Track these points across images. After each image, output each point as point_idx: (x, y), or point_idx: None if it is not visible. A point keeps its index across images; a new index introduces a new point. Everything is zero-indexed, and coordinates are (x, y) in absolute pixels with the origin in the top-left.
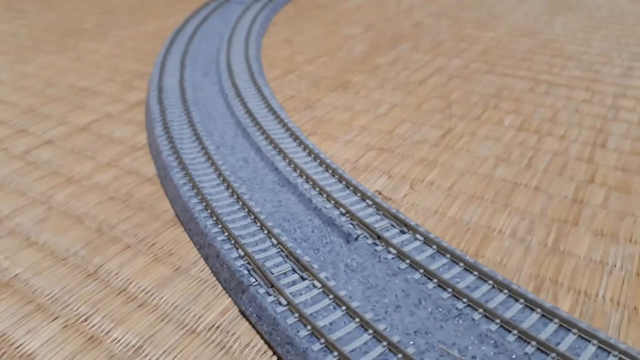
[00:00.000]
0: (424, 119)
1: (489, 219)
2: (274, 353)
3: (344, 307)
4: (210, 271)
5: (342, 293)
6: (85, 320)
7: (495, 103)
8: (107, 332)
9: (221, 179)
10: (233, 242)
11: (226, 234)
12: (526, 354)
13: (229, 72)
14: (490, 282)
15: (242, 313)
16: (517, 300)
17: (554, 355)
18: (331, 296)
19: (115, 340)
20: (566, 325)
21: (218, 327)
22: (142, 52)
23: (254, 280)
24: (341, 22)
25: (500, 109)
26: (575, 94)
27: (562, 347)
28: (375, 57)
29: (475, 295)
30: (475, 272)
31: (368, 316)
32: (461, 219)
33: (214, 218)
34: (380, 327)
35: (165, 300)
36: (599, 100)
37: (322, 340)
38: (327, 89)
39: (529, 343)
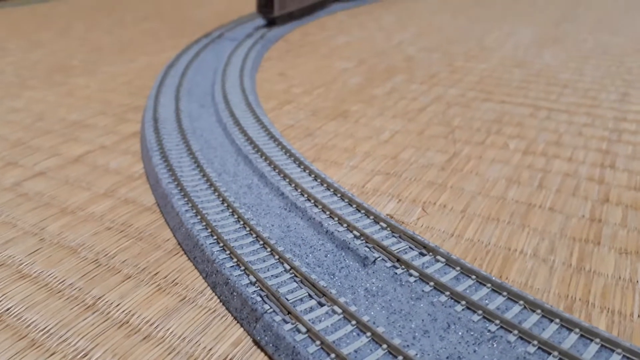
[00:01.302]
0: (427, 145)
1: (508, 240)
2: None
3: (368, 333)
4: (218, 300)
5: (365, 318)
6: (85, 355)
7: (497, 128)
8: None
9: (225, 205)
10: (243, 268)
11: (235, 260)
12: None
13: (226, 103)
14: (521, 302)
15: (257, 343)
16: (551, 320)
17: None
18: (354, 322)
19: None
20: (608, 345)
21: (231, 359)
22: (134, 87)
23: (269, 307)
24: (333, 57)
25: (503, 134)
26: (576, 119)
27: None
28: (371, 88)
29: (508, 316)
30: (505, 293)
31: (396, 342)
32: (479, 241)
33: (221, 244)
34: (411, 353)
35: (171, 332)
36: (601, 123)
37: None
38: (326, 118)
39: None
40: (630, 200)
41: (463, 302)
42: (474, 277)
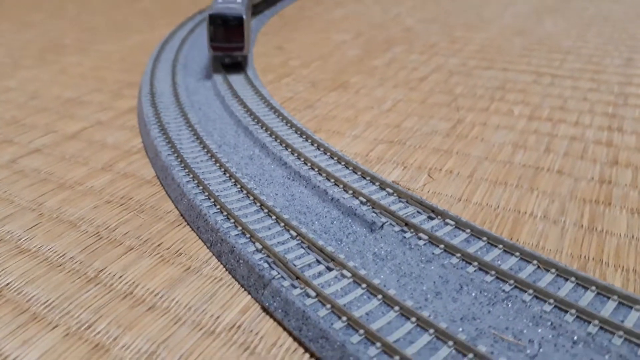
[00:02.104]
0: (430, 113)
1: (517, 203)
2: (306, 350)
3: (380, 296)
4: (224, 269)
5: (376, 281)
6: (89, 327)
7: (501, 95)
8: (115, 339)
9: (227, 175)
10: (249, 236)
11: (240, 228)
12: (589, 334)
13: (224, 76)
14: (535, 262)
15: (265, 310)
16: (567, 279)
17: (620, 333)
18: (364, 285)
19: (125, 347)
20: (627, 301)
21: (239, 326)
22: (129, 64)
23: (276, 273)
24: (330, 30)
25: (507, 101)
26: (581, 84)
27: (628, 324)
28: (370, 59)
29: (522, 276)
30: (517, 253)
31: (409, 304)
32: (488, 205)
33: (225, 213)
34: (424, 314)
35: (177, 302)
36: (606, 88)
37: (362, 332)
38: (325, 90)
39: (590, 322)
40: (638, 161)
41: (475, 264)
42: (484, 238)
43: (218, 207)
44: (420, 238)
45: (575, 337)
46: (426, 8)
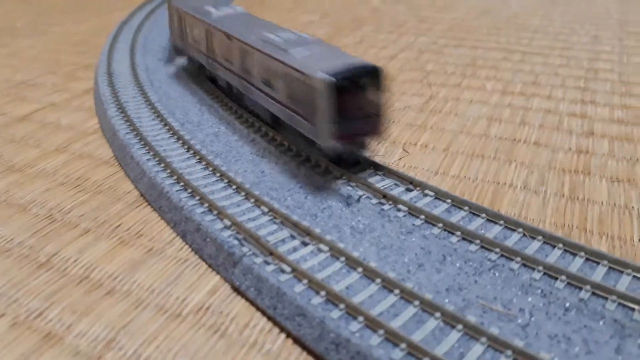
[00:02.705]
0: (402, 89)
1: (495, 174)
2: (282, 329)
3: (360, 269)
4: (190, 249)
5: (355, 254)
6: (39, 315)
7: (472, 71)
8: (69, 327)
9: (191, 152)
10: (216, 212)
11: (206, 205)
12: (581, 300)
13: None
14: (520, 229)
15: (236, 289)
16: (554, 246)
17: (614, 297)
18: (342, 259)
19: (80, 335)
20: (617, 266)
21: (208, 308)
22: (85, 46)
23: (248, 249)
24: (297, 11)
25: (479, 77)
26: (551, 60)
27: (620, 288)
28: (340, 37)
29: (508, 244)
30: (501, 222)
31: (391, 275)
32: (466, 177)
33: (189, 190)
34: (408, 285)
35: (138, 285)
36: (576, 64)
37: (342, 306)
38: None
39: (581, 288)
40: (615, 133)
41: (458, 233)
42: (466, 208)
43: (182, 184)
44: (399, 210)
45: (568, 304)
46: None
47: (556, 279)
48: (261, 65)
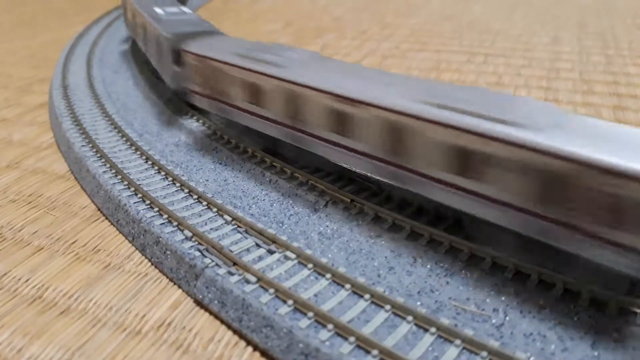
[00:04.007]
0: None
1: None
2: (248, 342)
3: (328, 275)
4: (149, 263)
5: (323, 260)
6: None
7: (436, 75)
8: (19, 350)
9: (150, 163)
10: (176, 224)
11: (165, 216)
12: (554, 297)
13: (140, 68)
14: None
15: (199, 303)
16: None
17: (585, 296)
18: (310, 265)
19: (32, 358)
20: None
21: (169, 323)
22: (38, 60)
23: (210, 261)
24: (258, 21)
25: (443, 79)
26: (513, 61)
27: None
28: (302, 45)
29: (477, 244)
30: None
31: (361, 280)
32: None
33: (147, 202)
34: (379, 290)
35: (95, 303)
36: (538, 64)
37: (311, 314)
38: None
39: (554, 285)
40: None
41: (426, 235)
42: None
43: (140, 196)
44: (367, 214)
45: (541, 302)
46: None
47: (528, 276)
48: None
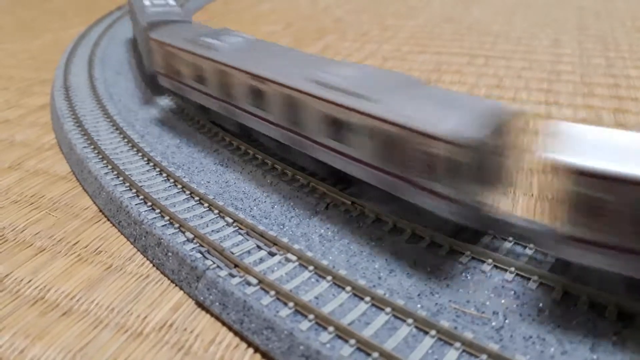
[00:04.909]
0: None
1: None
2: (249, 344)
3: (329, 277)
4: (151, 264)
5: (324, 262)
6: None
7: (437, 77)
8: (21, 351)
9: (152, 164)
10: (178, 226)
11: (167, 218)
12: (554, 300)
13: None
14: (491, 231)
15: (200, 305)
16: (525, 247)
17: (584, 298)
18: (311, 268)
19: None
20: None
21: (171, 325)
22: (40, 61)
23: (211, 262)
24: (259, 23)
25: (444, 82)
26: (514, 64)
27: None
28: (302, 47)
29: (479, 248)
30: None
31: (361, 283)
32: None
33: (149, 204)
34: (379, 292)
35: (97, 304)
36: (538, 66)
37: (311, 317)
38: None
39: (554, 288)
40: None
41: (427, 238)
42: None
43: (141, 197)
44: (367, 216)
45: (541, 305)
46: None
47: (529, 279)
48: None
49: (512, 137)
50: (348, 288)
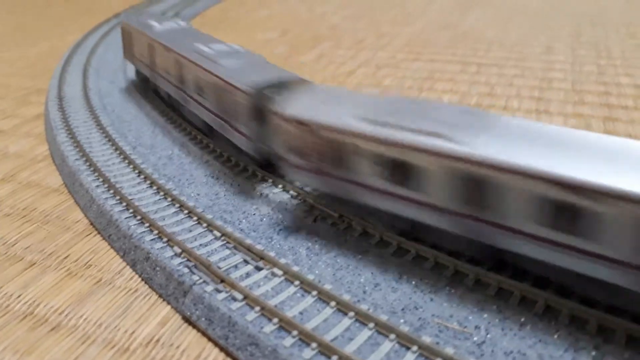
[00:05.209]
0: None
1: None
2: None
3: (314, 292)
4: (140, 278)
5: (309, 277)
6: None
7: (429, 85)
8: None
9: (142, 177)
10: (166, 240)
11: (156, 232)
12: (536, 314)
13: (138, 77)
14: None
15: (187, 320)
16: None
17: (565, 311)
18: (297, 282)
19: None
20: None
21: (158, 340)
22: (37, 70)
23: (198, 277)
24: (255, 30)
25: (436, 90)
26: (506, 71)
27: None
28: (298, 55)
29: (462, 261)
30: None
31: (345, 297)
32: None
33: (139, 217)
34: (361, 307)
35: (85, 319)
36: (530, 74)
37: (295, 333)
38: None
39: (536, 303)
40: None
41: (413, 251)
42: None
43: (131, 211)
44: (355, 229)
45: (523, 319)
46: (352, 6)
47: (511, 293)
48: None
49: None
50: (333, 303)
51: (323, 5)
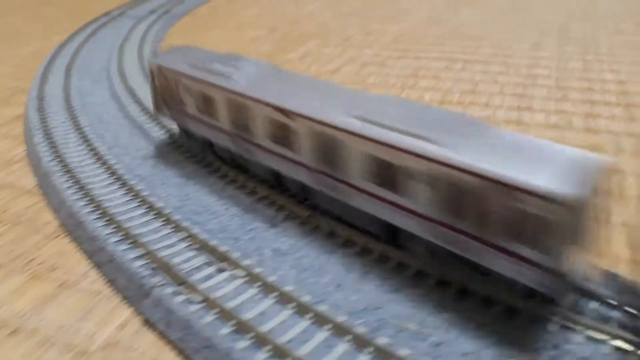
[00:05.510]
0: None
1: None
2: None
3: (274, 294)
4: (104, 281)
5: (271, 279)
6: None
7: (413, 82)
8: None
9: (114, 178)
10: (130, 241)
11: (122, 234)
12: (495, 315)
13: (122, 77)
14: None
15: (147, 322)
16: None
17: (525, 314)
18: (258, 284)
19: None
20: None
21: (117, 343)
22: (23, 70)
23: (158, 280)
24: (244, 28)
25: (419, 87)
26: (491, 68)
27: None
28: (283, 53)
29: (424, 261)
30: None
31: (305, 299)
32: None
33: (106, 219)
34: (321, 308)
35: (46, 322)
36: (515, 71)
37: (250, 336)
38: None
39: (495, 304)
40: (550, 136)
41: (376, 252)
42: None
43: (99, 212)
44: (321, 229)
45: (482, 320)
46: (342, 3)
47: (473, 295)
48: None
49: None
50: (292, 305)
51: (312, 3)
